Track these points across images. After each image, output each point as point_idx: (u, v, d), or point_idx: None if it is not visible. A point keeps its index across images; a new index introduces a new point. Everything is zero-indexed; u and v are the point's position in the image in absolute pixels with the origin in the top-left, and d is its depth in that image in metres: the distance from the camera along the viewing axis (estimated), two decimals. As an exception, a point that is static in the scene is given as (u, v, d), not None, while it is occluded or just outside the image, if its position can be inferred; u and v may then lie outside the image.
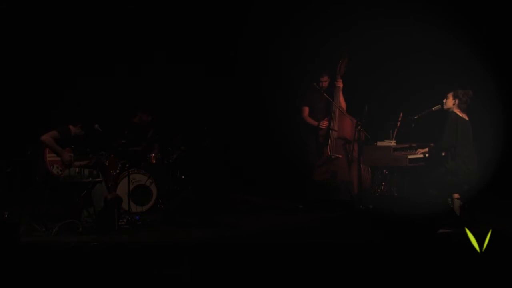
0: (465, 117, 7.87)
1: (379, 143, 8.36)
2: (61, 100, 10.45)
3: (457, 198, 7.78)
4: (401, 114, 8.35)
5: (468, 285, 5.36)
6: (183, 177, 9.46)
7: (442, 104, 7.97)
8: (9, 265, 5.91)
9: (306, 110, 9.36)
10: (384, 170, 8.61)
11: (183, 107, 10.42)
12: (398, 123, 8.33)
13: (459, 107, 7.87)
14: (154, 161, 9.42)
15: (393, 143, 8.30)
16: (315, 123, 9.26)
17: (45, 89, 10.58)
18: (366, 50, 9.92)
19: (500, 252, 5.54)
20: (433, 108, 8.05)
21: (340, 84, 9.23)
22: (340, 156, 9.19)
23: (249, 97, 10.54)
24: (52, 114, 9.94)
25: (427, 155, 8.00)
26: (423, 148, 8.11)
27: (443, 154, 7.92)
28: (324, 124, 9.18)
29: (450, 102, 7.88)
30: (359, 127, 8.69)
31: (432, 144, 8.14)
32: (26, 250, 6.58)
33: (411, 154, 8.14)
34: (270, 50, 10.41)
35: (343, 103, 9.29)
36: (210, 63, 10.58)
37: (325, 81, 9.24)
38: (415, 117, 8.10)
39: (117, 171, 8.90)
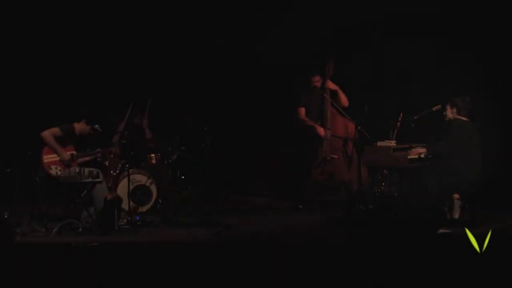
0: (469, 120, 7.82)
1: (379, 143, 8.36)
2: (61, 100, 10.46)
3: (457, 198, 7.78)
4: (401, 114, 8.35)
5: (468, 285, 5.36)
6: (183, 177, 9.47)
7: (442, 105, 7.96)
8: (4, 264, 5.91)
9: (302, 111, 9.40)
10: (384, 170, 8.60)
11: (183, 107, 10.42)
12: (398, 123, 8.33)
13: (460, 114, 7.80)
14: (154, 161, 9.43)
15: (393, 143, 8.29)
16: (313, 123, 9.29)
17: (45, 89, 10.59)
18: (366, 50, 9.92)
19: (500, 252, 5.54)
20: (433, 108, 8.04)
21: (329, 85, 9.26)
22: (336, 156, 9.22)
23: (248, 97, 10.54)
24: (52, 113, 9.95)
25: (422, 155, 7.97)
26: (419, 148, 8.07)
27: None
28: (321, 131, 9.20)
29: (449, 113, 7.84)
30: (359, 127, 8.71)
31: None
32: (26, 250, 6.58)
33: (410, 154, 8.13)
34: (269, 51, 10.41)
35: (345, 101, 9.29)
36: (210, 64, 10.58)
37: (317, 81, 9.28)
38: (415, 117, 8.09)
39: (117, 171, 8.93)
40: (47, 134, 7.92)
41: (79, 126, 8.13)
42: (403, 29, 9.77)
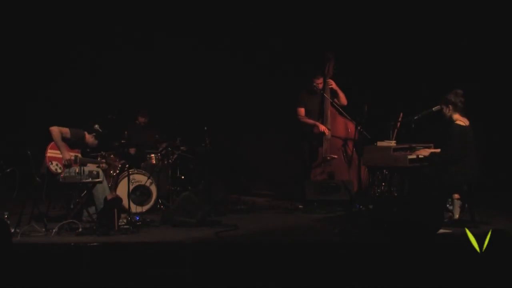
0: (466, 122, 7.73)
1: (379, 143, 8.34)
2: (61, 101, 10.49)
3: (457, 198, 7.77)
4: (401, 114, 8.33)
5: (468, 285, 5.35)
6: (183, 177, 9.47)
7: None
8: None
9: (302, 111, 9.40)
10: (384, 170, 8.59)
11: (183, 107, 10.44)
12: (398, 123, 8.31)
13: (456, 111, 7.70)
14: (154, 161, 9.44)
15: (393, 143, 8.27)
16: (314, 122, 9.30)
17: (45, 89, 10.61)
18: (366, 50, 9.92)
19: (500, 252, 5.54)
20: (433, 108, 8.00)
21: (332, 84, 9.27)
22: (335, 156, 9.23)
23: (248, 98, 10.55)
24: (52, 114, 9.97)
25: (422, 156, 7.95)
26: (421, 149, 8.04)
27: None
28: (321, 128, 9.20)
29: (446, 111, 7.73)
30: (359, 127, 8.70)
31: (432, 145, 8.12)
32: (26, 250, 6.58)
33: (411, 154, 8.12)
34: (269, 51, 10.43)
35: (343, 100, 9.30)
36: (210, 64, 10.59)
37: (320, 82, 9.28)
38: (415, 117, 8.06)
39: (117, 171, 8.93)
40: (56, 130, 8.01)
41: (89, 137, 8.25)
42: (402, 26, 9.80)
